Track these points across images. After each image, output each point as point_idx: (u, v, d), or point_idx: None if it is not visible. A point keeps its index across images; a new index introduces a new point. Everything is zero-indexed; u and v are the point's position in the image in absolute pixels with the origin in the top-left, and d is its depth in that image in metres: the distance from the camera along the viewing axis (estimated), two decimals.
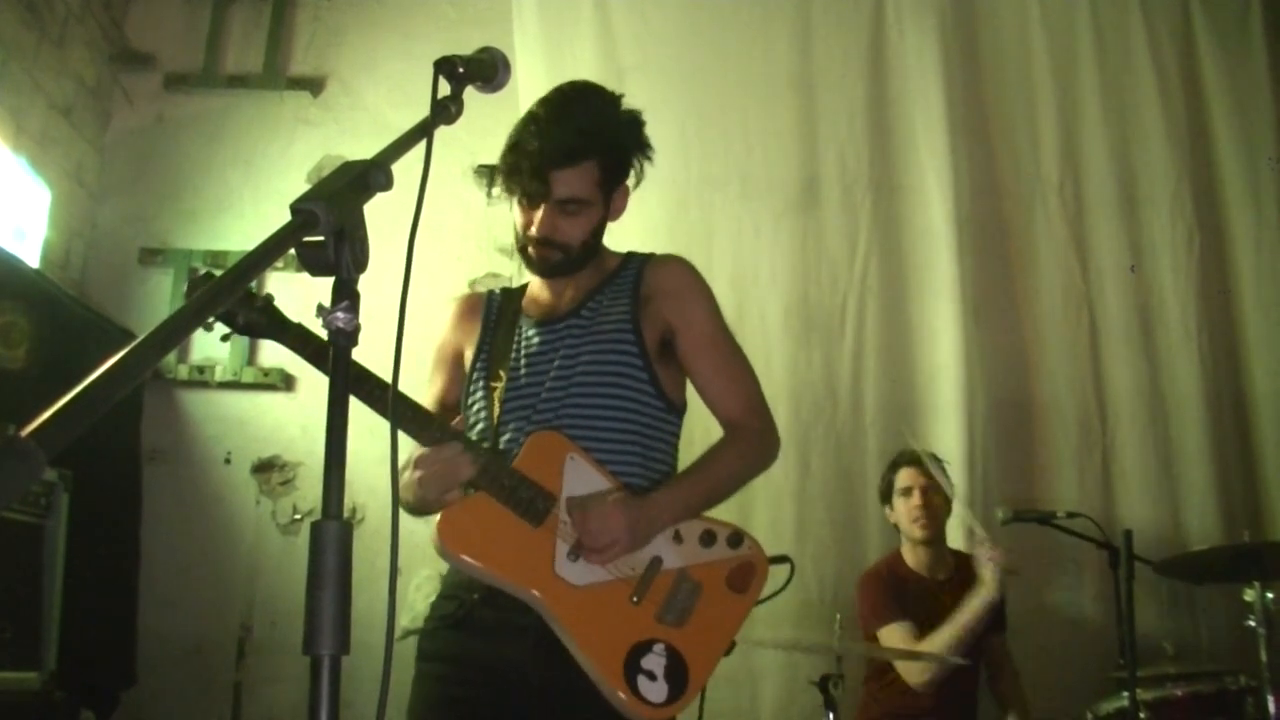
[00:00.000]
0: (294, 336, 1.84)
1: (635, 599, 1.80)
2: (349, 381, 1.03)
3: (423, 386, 2.08)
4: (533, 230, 1.92)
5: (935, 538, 3.35)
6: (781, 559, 1.98)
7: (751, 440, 1.99)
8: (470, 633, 1.85)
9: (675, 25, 4.18)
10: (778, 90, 4.14)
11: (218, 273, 1.90)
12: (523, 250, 1.98)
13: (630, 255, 2.09)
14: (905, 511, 3.35)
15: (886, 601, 3.23)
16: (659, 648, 1.77)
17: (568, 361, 1.94)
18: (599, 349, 1.94)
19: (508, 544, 1.78)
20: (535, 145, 1.87)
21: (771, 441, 2.02)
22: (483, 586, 1.82)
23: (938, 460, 3.36)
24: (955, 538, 3.45)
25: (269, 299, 1.86)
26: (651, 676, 1.74)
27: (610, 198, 1.98)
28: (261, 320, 1.85)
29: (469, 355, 2.06)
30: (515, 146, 1.90)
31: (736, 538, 1.90)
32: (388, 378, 1.25)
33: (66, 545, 2.95)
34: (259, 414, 4.01)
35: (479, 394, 1.99)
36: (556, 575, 1.78)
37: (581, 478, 1.85)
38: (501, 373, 1.97)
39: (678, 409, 2.02)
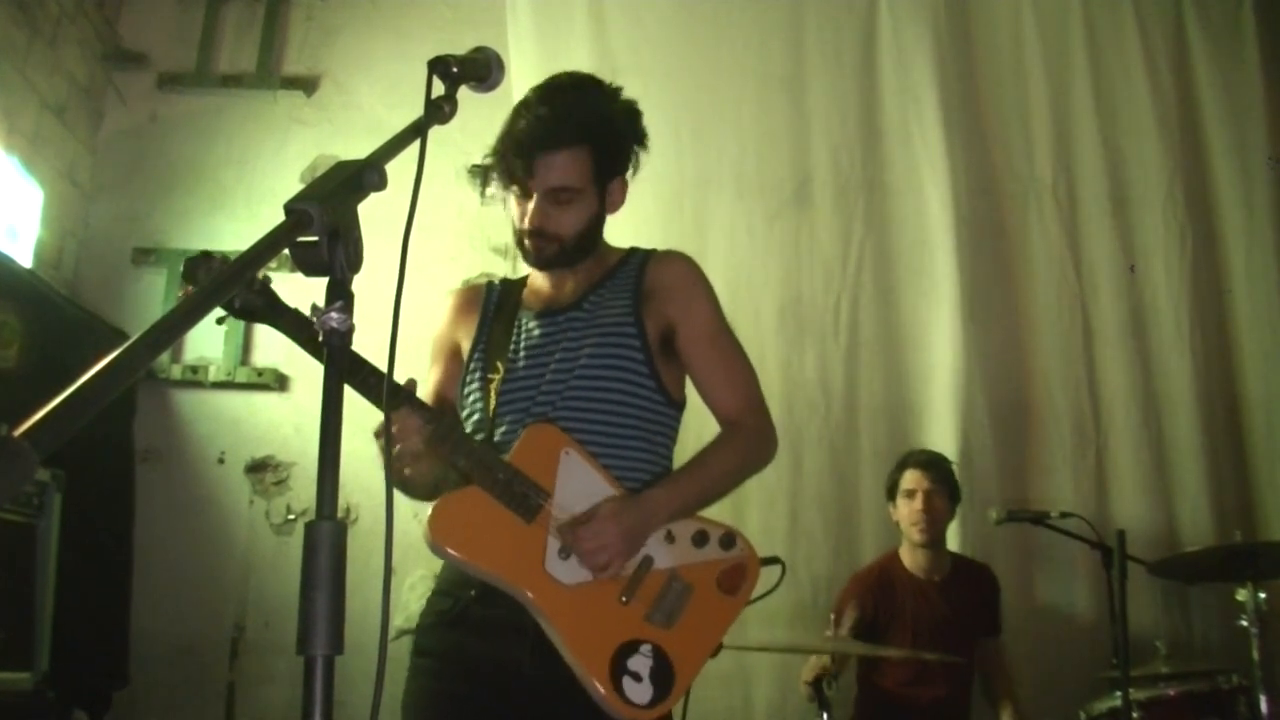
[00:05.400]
0: (290, 321, 1.80)
1: (624, 599, 1.77)
2: (344, 380, 1.03)
3: (420, 380, 2.06)
4: (525, 222, 1.90)
5: (934, 541, 3.36)
6: (773, 560, 1.95)
7: (749, 437, 1.97)
8: (466, 631, 1.82)
9: (669, 25, 4.18)
10: (771, 90, 4.14)
11: (214, 251, 1.88)
12: (519, 243, 1.96)
13: (632, 250, 2.07)
14: (907, 514, 3.36)
15: (839, 605, 3.21)
16: (645, 649, 1.75)
17: (569, 354, 1.91)
18: (601, 342, 1.91)
19: (498, 539, 1.76)
20: (523, 127, 1.85)
21: (769, 439, 2.00)
22: (478, 584, 1.80)
23: (949, 463, 3.41)
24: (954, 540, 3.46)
25: (266, 281, 1.81)
26: (636, 678, 1.72)
27: (605, 189, 1.96)
28: (258, 303, 1.80)
29: (466, 347, 2.03)
30: (506, 133, 1.88)
31: (729, 539, 1.88)
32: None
33: (59, 545, 2.94)
34: (252, 414, 4.00)
35: (475, 385, 1.96)
36: (546, 573, 1.75)
37: (576, 474, 1.82)
38: (499, 364, 1.94)
39: (678, 404, 2.00)
